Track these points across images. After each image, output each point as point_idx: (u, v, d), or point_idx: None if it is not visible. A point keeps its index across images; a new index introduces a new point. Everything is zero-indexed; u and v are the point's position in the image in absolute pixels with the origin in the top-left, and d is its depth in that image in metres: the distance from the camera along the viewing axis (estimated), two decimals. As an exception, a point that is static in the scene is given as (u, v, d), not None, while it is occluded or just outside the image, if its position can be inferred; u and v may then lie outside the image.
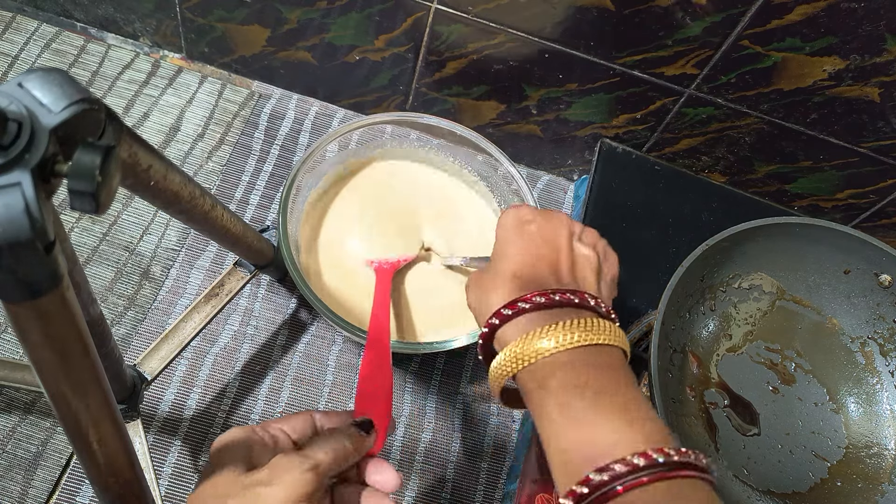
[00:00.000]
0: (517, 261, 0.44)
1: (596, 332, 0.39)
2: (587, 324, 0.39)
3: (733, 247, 0.59)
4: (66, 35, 0.82)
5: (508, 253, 0.44)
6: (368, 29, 0.73)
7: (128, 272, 0.71)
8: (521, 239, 0.45)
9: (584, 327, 0.39)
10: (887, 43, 0.61)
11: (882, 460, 0.59)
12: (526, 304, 0.40)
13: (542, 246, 0.44)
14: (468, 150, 0.72)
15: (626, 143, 0.81)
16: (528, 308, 0.40)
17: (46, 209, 0.29)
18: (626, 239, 0.76)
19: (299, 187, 0.66)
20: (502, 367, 0.40)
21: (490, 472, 0.69)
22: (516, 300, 0.41)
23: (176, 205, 0.45)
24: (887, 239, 0.67)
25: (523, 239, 0.45)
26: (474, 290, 0.45)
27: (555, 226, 0.45)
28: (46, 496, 0.60)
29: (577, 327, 0.39)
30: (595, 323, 0.39)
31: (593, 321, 0.39)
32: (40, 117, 0.29)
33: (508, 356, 0.40)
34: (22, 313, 0.31)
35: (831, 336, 0.63)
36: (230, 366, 0.69)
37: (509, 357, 0.40)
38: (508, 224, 0.46)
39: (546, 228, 0.45)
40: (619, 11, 0.64)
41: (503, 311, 0.41)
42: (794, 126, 0.72)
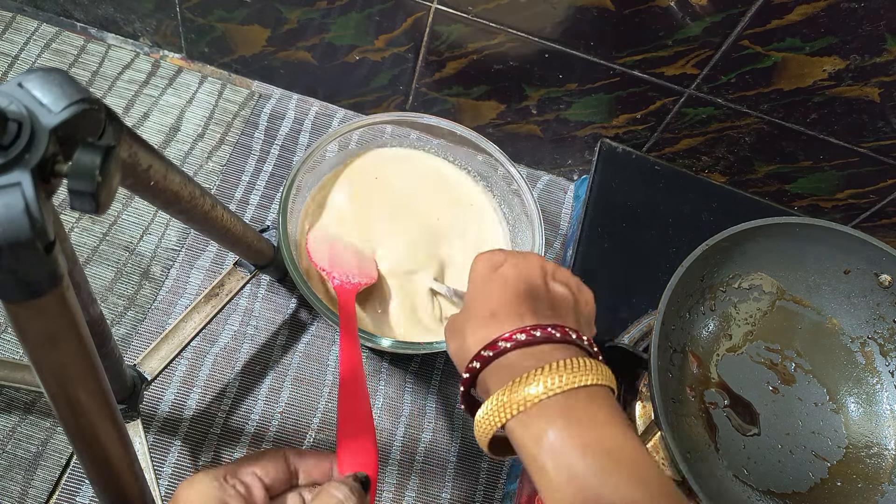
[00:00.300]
0: (493, 300, 0.42)
1: (583, 373, 0.37)
2: (573, 364, 0.38)
3: (733, 247, 0.59)
4: (66, 35, 0.82)
5: (483, 294, 0.43)
6: (368, 29, 0.73)
7: (128, 272, 0.71)
8: (495, 280, 0.43)
9: (572, 368, 0.37)
10: (887, 43, 0.61)
11: (882, 460, 0.59)
12: (507, 343, 0.39)
13: (518, 284, 0.43)
14: (468, 150, 0.72)
15: (626, 143, 0.81)
16: (509, 347, 0.39)
17: (46, 209, 0.29)
18: (626, 239, 0.76)
19: (299, 187, 0.66)
20: (489, 417, 0.38)
21: (490, 472, 0.69)
22: (496, 340, 0.39)
23: (176, 205, 0.45)
24: (887, 239, 0.67)
25: (497, 280, 0.43)
26: (452, 336, 0.44)
27: (528, 265, 0.44)
28: (46, 496, 0.60)
29: (565, 369, 0.37)
30: (580, 363, 0.38)
31: (579, 360, 0.38)
32: (40, 117, 0.29)
33: (495, 405, 0.38)
34: (22, 313, 0.31)
35: (831, 336, 0.63)
36: (230, 366, 0.69)
37: (496, 406, 0.38)
38: (480, 268, 0.45)
39: (519, 267, 0.44)
40: (619, 11, 0.64)
41: (483, 353, 0.39)
42: (795, 126, 0.72)
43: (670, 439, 0.49)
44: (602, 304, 0.71)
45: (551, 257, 0.81)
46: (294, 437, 0.66)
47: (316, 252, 0.65)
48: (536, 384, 0.37)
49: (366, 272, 0.65)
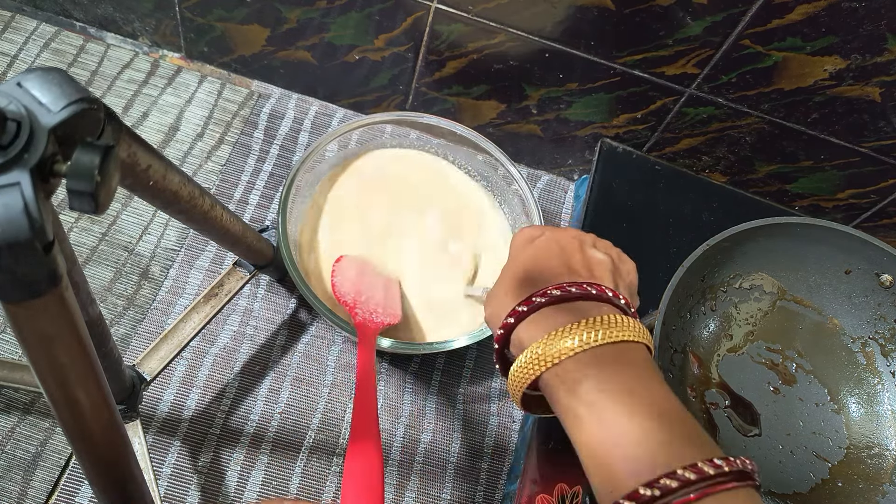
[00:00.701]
0: (528, 264, 0.42)
1: (620, 329, 0.37)
2: (610, 320, 0.37)
3: (734, 247, 0.59)
4: (66, 34, 0.82)
5: (519, 261, 0.43)
6: (368, 28, 0.73)
7: (127, 272, 0.71)
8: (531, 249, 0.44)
9: (608, 324, 0.37)
10: (888, 42, 0.61)
11: (883, 461, 0.59)
12: (542, 298, 0.39)
13: (554, 250, 0.43)
14: (468, 149, 0.72)
15: (627, 143, 0.81)
16: (543, 302, 0.39)
17: (45, 209, 0.29)
18: (627, 239, 0.75)
19: (299, 187, 0.66)
20: (524, 369, 0.38)
21: (490, 472, 0.68)
22: (531, 295, 0.39)
23: (175, 205, 0.45)
24: (888, 239, 0.67)
25: (533, 248, 0.43)
26: (489, 302, 0.43)
27: (565, 234, 0.44)
28: (45, 497, 0.60)
29: (601, 324, 0.37)
30: (617, 319, 0.37)
31: (615, 317, 0.38)
32: (39, 117, 0.29)
33: (530, 357, 0.38)
34: (21, 313, 0.31)
35: (832, 336, 0.63)
36: (229, 366, 0.68)
37: (531, 359, 0.38)
38: (518, 241, 0.46)
39: (556, 237, 0.44)
40: (619, 11, 0.64)
41: (518, 308, 0.39)
42: (795, 126, 0.72)
43: (671, 440, 0.49)
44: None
45: (551, 257, 0.81)
46: (293, 438, 0.66)
47: (342, 284, 0.63)
48: (572, 338, 0.36)
49: (390, 311, 0.63)
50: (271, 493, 0.64)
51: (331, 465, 0.66)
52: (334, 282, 0.62)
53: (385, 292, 0.65)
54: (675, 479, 0.31)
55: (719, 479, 0.31)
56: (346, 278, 0.63)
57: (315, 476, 0.65)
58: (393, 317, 0.62)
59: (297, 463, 0.65)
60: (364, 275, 0.65)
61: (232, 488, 0.63)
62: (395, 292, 0.66)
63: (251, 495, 0.63)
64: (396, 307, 0.64)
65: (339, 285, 0.62)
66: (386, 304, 0.63)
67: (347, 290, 0.62)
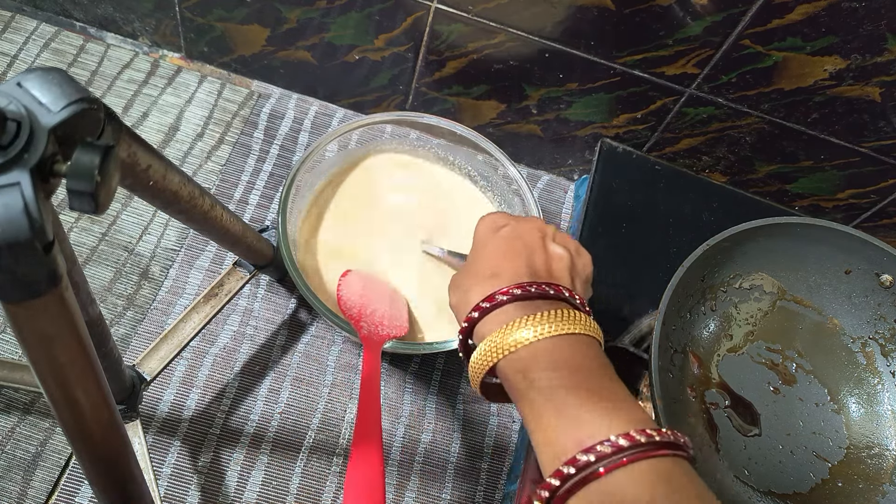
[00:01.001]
0: (493, 259, 0.45)
1: (572, 323, 0.40)
2: (563, 314, 0.40)
3: (734, 247, 0.59)
4: (66, 34, 0.82)
5: (485, 253, 0.46)
6: (368, 28, 0.73)
7: (127, 272, 0.71)
8: (495, 240, 0.47)
9: (561, 318, 0.40)
10: (888, 42, 0.61)
11: (883, 461, 0.59)
12: (504, 297, 0.42)
13: (517, 244, 0.46)
14: (468, 149, 0.72)
15: (627, 143, 0.81)
16: (505, 300, 0.42)
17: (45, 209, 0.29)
18: (627, 239, 0.76)
19: (299, 187, 0.66)
20: (482, 357, 0.41)
21: (490, 472, 0.68)
22: (494, 293, 0.42)
23: (175, 205, 0.45)
24: (888, 239, 0.67)
25: (498, 240, 0.47)
26: (454, 290, 0.47)
27: (529, 227, 0.47)
28: (45, 497, 0.60)
29: (555, 318, 0.40)
30: (571, 314, 0.41)
31: (569, 312, 0.41)
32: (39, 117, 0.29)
33: (488, 346, 0.41)
34: (21, 313, 0.31)
35: (832, 336, 0.63)
36: (229, 366, 0.68)
37: (489, 348, 0.41)
38: (483, 229, 0.49)
39: (520, 229, 0.47)
40: (619, 11, 0.64)
41: (482, 304, 0.42)
42: (795, 126, 0.72)
43: (671, 440, 0.49)
44: (602, 305, 0.72)
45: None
46: (293, 438, 0.66)
47: (347, 298, 0.62)
48: (527, 329, 0.40)
49: (396, 323, 0.62)
50: (271, 493, 0.64)
51: (331, 465, 0.66)
52: (339, 295, 0.62)
53: (391, 304, 0.64)
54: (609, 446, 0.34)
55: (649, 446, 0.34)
56: (351, 292, 0.63)
57: (315, 476, 0.65)
58: (399, 329, 0.62)
59: (297, 463, 0.65)
60: (369, 288, 0.64)
61: (232, 488, 0.63)
62: (401, 304, 0.65)
63: (251, 495, 0.63)
64: (403, 319, 0.63)
65: (345, 299, 0.62)
66: (392, 316, 0.62)
67: (352, 304, 0.61)
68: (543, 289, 0.42)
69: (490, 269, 0.44)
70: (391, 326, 0.61)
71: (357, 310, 0.61)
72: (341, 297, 0.61)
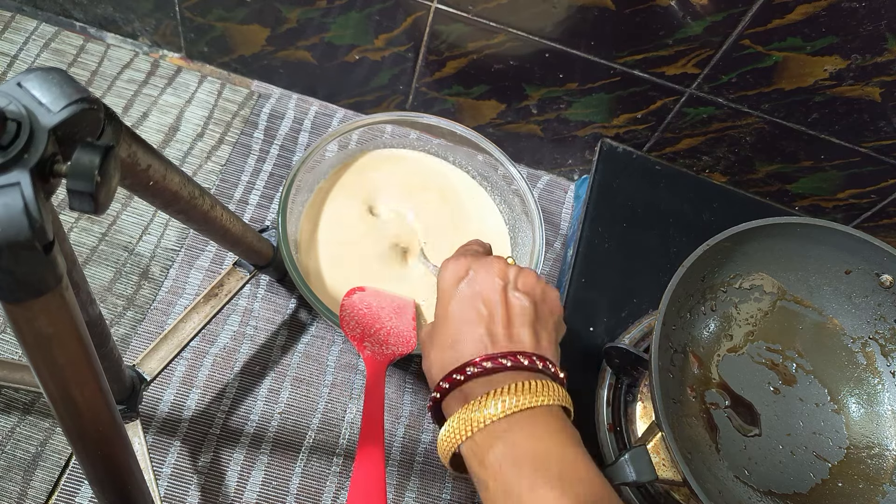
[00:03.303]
0: (453, 325, 0.45)
1: (531, 395, 0.40)
2: (521, 387, 0.40)
3: (734, 247, 0.59)
4: (66, 34, 0.82)
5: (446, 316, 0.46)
6: (368, 28, 0.73)
7: (127, 272, 0.71)
8: (456, 299, 0.46)
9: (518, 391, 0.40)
10: (888, 42, 0.61)
11: (883, 461, 0.59)
12: (461, 377, 0.42)
13: (476, 303, 0.45)
14: (468, 149, 0.72)
15: (627, 143, 0.81)
16: (462, 380, 0.42)
17: (45, 209, 0.29)
18: (627, 239, 0.76)
19: (299, 187, 0.66)
20: (448, 437, 0.41)
21: (490, 472, 0.68)
22: (451, 373, 0.42)
23: (175, 204, 0.45)
24: (888, 239, 0.67)
25: (458, 299, 0.46)
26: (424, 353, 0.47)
27: (488, 278, 0.46)
28: (45, 497, 0.60)
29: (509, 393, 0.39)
30: (529, 385, 0.40)
31: (527, 384, 0.40)
32: (39, 117, 0.29)
33: (449, 430, 0.41)
34: (21, 314, 0.31)
35: (832, 336, 0.63)
36: (229, 366, 0.68)
37: (450, 431, 0.41)
38: (446, 280, 0.48)
39: (479, 283, 0.46)
40: (619, 11, 0.64)
41: (441, 384, 0.43)
42: (795, 126, 0.72)
43: (671, 440, 0.49)
44: (602, 305, 0.72)
45: (552, 257, 0.81)
46: (293, 438, 0.66)
47: (350, 319, 0.61)
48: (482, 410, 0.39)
49: (402, 339, 0.61)
50: (271, 493, 0.64)
51: (331, 465, 0.66)
52: (342, 317, 0.60)
53: (397, 318, 0.63)
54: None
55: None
56: (353, 313, 0.61)
57: (315, 476, 0.65)
58: (405, 345, 0.60)
59: (297, 463, 0.65)
60: (374, 306, 0.63)
61: (232, 488, 0.63)
62: (407, 316, 0.63)
63: (251, 495, 0.63)
64: (409, 333, 0.62)
65: (347, 320, 0.60)
66: (398, 333, 0.61)
67: (356, 325, 0.60)
68: (500, 362, 0.42)
69: (451, 337, 0.44)
70: (396, 344, 0.60)
71: (360, 331, 0.60)
72: (343, 319, 0.60)
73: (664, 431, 0.49)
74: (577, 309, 0.71)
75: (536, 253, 0.66)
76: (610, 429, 0.63)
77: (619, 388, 0.64)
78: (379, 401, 0.53)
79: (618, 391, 0.64)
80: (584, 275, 0.73)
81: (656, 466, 0.52)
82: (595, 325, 0.70)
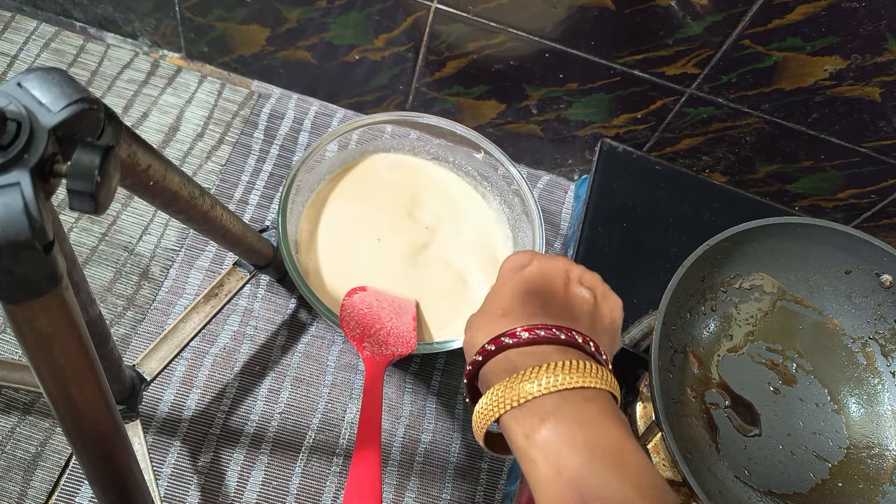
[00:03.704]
0: (507, 298, 0.42)
1: (583, 375, 0.37)
2: (573, 366, 0.37)
3: (734, 247, 0.59)
4: (66, 34, 0.82)
5: (500, 292, 0.43)
6: (368, 28, 0.73)
7: (127, 272, 0.71)
8: (515, 279, 0.44)
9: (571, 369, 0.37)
10: (888, 43, 0.61)
11: (883, 461, 0.59)
12: (509, 340, 0.39)
13: (537, 284, 0.43)
14: (468, 149, 0.72)
15: (627, 143, 0.81)
16: (511, 343, 0.39)
17: (45, 209, 0.29)
18: (627, 239, 0.76)
19: (299, 187, 0.66)
20: (485, 410, 0.38)
21: (490, 472, 0.68)
22: (500, 336, 0.40)
23: (175, 204, 0.45)
24: (888, 239, 0.67)
25: (518, 278, 0.44)
26: (467, 329, 0.44)
27: (553, 266, 0.44)
28: (45, 497, 0.60)
29: (563, 369, 0.37)
30: (582, 365, 0.38)
31: (580, 363, 0.38)
32: (39, 117, 0.29)
33: (492, 399, 0.38)
34: (21, 313, 0.31)
35: (832, 336, 0.63)
36: (229, 366, 0.68)
37: (492, 400, 0.38)
38: (506, 268, 0.45)
39: (543, 268, 0.44)
40: (619, 11, 0.64)
41: (487, 346, 0.40)
42: (795, 126, 0.72)
43: (671, 440, 0.49)
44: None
45: (551, 257, 0.81)
46: (293, 438, 0.66)
47: (350, 319, 0.60)
48: (532, 382, 0.37)
49: (402, 340, 0.60)
50: (271, 493, 0.64)
51: (331, 465, 0.66)
52: (342, 317, 0.60)
53: (398, 319, 0.62)
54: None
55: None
56: (354, 313, 0.61)
57: (315, 476, 0.65)
58: (405, 346, 0.60)
59: (297, 463, 0.65)
60: (374, 306, 0.63)
61: (232, 488, 0.63)
62: (408, 316, 0.63)
63: (251, 495, 0.63)
64: (409, 334, 0.61)
65: (347, 320, 0.60)
66: (398, 333, 0.61)
67: (355, 325, 0.60)
68: (554, 333, 0.39)
69: (502, 308, 0.42)
70: (396, 344, 0.60)
71: (359, 331, 0.60)
72: (343, 319, 0.60)
73: (664, 431, 0.49)
74: (577, 309, 0.71)
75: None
76: (610, 429, 0.63)
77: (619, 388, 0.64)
78: (377, 402, 0.52)
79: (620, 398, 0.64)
80: (584, 275, 0.73)
81: (656, 466, 0.52)
82: (595, 325, 0.70)
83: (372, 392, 0.53)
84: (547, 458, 0.35)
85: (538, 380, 0.37)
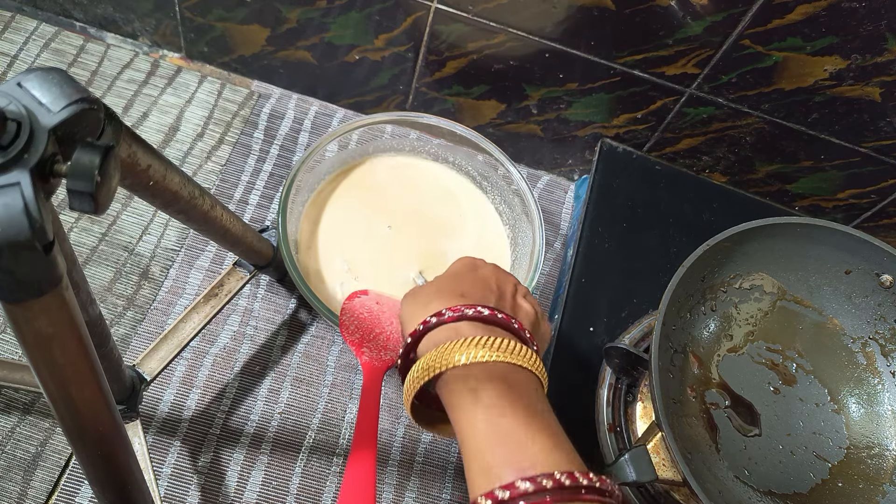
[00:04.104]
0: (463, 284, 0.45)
1: (517, 356, 0.40)
2: (509, 345, 0.40)
3: (734, 247, 0.59)
4: (66, 34, 0.82)
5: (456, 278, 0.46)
6: (368, 28, 0.73)
7: (127, 272, 0.71)
8: (470, 273, 0.47)
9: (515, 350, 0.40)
10: (888, 43, 0.61)
11: (883, 461, 0.59)
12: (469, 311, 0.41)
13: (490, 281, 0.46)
14: (468, 149, 0.72)
15: (627, 143, 0.81)
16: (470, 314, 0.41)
17: (45, 209, 0.29)
18: (627, 239, 0.76)
19: (299, 187, 0.66)
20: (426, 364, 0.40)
21: (490, 472, 0.68)
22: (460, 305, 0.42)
23: (175, 204, 0.45)
24: (888, 239, 0.67)
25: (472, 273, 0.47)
26: (410, 301, 0.46)
27: (506, 275, 0.48)
28: (45, 497, 0.60)
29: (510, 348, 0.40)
30: (517, 346, 0.40)
31: (516, 344, 0.40)
32: (39, 117, 0.29)
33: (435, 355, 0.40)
34: (21, 313, 0.31)
35: (832, 336, 0.63)
36: (229, 366, 0.68)
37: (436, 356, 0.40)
38: (461, 263, 0.49)
39: (499, 274, 0.48)
40: (619, 11, 0.64)
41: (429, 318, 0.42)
42: (795, 126, 0.72)
43: (671, 440, 0.49)
44: (602, 305, 0.72)
45: (552, 257, 0.81)
46: (293, 438, 0.66)
47: (350, 323, 0.60)
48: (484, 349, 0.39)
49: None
50: (271, 493, 0.64)
51: (331, 465, 0.66)
52: (342, 321, 0.60)
53: (398, 322, 0.61)
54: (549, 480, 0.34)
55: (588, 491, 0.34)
56: (354, 317, 0.61)
57: (315, 476, 0.65)
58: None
59: (297, 463, 0.65)
60: (374, 311, 0.63)
61: (232, 488, 0.63)
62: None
63: (251, 495, 0.63)
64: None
65: (347, 324, 0.60)
66: (398, 339, 0.61)
67: (355, 329, 0.60)
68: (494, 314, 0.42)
69: (459, 290, 0.44)
70: (396, 349, 0.60)
71: (359, 336, 0.60)
72: (343, 324, 0.60)
73: (664, 431, 0.49)
74: (577, 309, 0.71)
75: (536, 253, 0.66)
76: (610, 429, 0.63)
77: (619, 388, 0.64)
78: (374, 407, 0.53)
79: (618, 391, 0.64)
80: (584, 275, 0.73)
81: (656, 466, 0.52)
82: (595, 325, 0.70)
83: (369, 397, 0.54)
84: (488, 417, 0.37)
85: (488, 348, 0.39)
